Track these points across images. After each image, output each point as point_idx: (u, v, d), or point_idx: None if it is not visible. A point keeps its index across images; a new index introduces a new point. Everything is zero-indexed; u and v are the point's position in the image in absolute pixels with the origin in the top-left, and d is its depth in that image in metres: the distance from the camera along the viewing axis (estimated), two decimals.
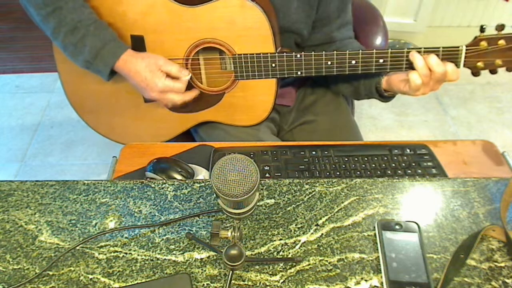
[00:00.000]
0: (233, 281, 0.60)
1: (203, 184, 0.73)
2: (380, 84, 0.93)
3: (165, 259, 0.63)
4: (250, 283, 0.60)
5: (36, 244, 0.64)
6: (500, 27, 0.80)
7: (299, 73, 0.93)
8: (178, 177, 0.76)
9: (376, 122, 2.02)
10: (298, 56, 0.91)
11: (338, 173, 0.82)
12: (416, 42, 2.25)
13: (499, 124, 2.01)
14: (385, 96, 0.95)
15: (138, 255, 0.63)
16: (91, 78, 0.99)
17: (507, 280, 0.60)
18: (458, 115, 2.05)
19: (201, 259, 0.63)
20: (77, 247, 0.64)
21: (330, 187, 0.72)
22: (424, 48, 0.84)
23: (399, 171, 0.82)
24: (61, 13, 0.87)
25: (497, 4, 2.14)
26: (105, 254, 0.63)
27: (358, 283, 0.60)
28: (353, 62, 0.89)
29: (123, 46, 0.90)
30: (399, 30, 2.22)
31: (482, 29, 0.81)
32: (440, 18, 2.22)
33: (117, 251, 0.64)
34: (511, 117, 2.03)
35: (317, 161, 0.84)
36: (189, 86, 0.96)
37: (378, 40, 1.18)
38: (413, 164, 0.83)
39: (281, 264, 0.62)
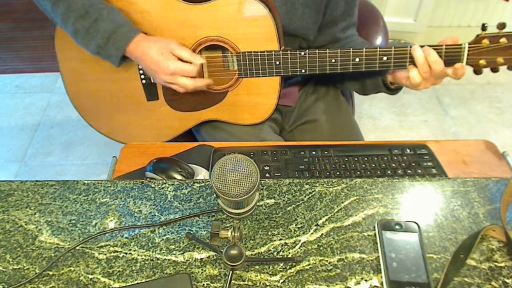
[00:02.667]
0: (233, 281, 0.60)
1: (203, 184, 0.73)
2: (386, 78, 0.95)
3: (165, 259, 0.63)
4: (250, 283, 0.60)
5: (36, 244, 0.64)
6: (501, 26, 0.80)
7: (303, 71, 0.93)
8: (178, 177, 0.76)
9: (376, 122, 2.02)
10: (302, 54, 0.90)
11: (338, 173, 0.82)
12: (416, 42, 2.23)
13: (499, 124, 2.00)
14: (391, 88, 0.96)
15: (138, 255, 0.63)
16: (93, 77, 0.98)
17: (507, 280, 0.60)
18: (458, 115, 2.05)
19: (201, 259, 0.63)
20: (77, 247, 0.64)
21: (330, 187, 0.72)
22: (428, 46, 0.84)
23: (399, 171, 0.82)
24: None
25: (497, 4, 2.14)
26: (105, 254, 0.63)
27: (358, 283, 0.60)
28: (357, 59, 0.89)
29: (135, 30, 0.90)
30: (399, 30, 2.22)
31: (483, 27, 0.82)
32: (440, 18, 2.22)
33: (117, 251, 0.64)
34: (511, 117, 2.03)
35: (317, 161, 0.84)
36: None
37: (379, 40, 1.18)
38: (413, 164, 0.83)
39: (281, 264, 0.62)
